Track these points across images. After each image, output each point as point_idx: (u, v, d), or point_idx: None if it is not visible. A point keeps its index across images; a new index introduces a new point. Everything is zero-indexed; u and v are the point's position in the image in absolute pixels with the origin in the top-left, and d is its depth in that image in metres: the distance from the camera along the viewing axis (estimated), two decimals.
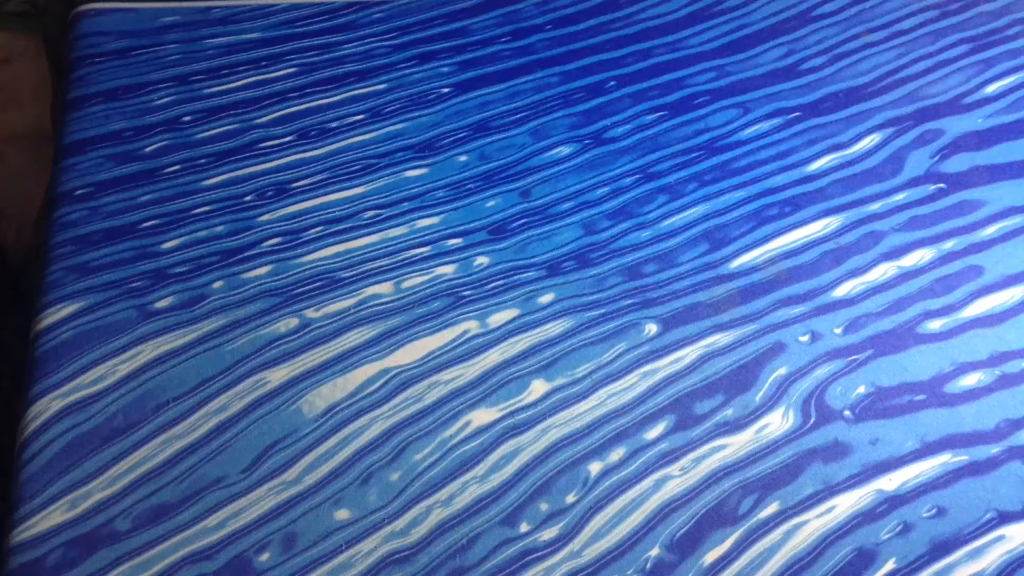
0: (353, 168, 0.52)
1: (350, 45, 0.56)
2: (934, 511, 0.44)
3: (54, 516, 0.42)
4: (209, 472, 0.43)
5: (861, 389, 0.47)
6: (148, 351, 0.46)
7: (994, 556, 0.43)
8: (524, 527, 0.43)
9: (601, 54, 0.57)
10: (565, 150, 0.53)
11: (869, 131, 0.55)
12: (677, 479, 0.44)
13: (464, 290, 0.49)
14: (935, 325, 0.49)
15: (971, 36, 0.59)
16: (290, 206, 0.51)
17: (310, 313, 0.48)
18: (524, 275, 0.49)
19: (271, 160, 0.52)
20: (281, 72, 0.55)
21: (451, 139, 0.53)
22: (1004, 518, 0.44)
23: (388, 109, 0.54)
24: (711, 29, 0.58)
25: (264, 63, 0.55)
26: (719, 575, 0.42)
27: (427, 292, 0.49)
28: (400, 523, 0.43)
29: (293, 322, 0.47)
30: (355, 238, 0.50)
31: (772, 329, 0.48)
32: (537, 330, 0.48)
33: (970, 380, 0.47)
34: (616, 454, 0.45)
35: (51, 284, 0.48)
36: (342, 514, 0.43)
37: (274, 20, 0.57)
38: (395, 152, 0.53)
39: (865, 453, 0.45)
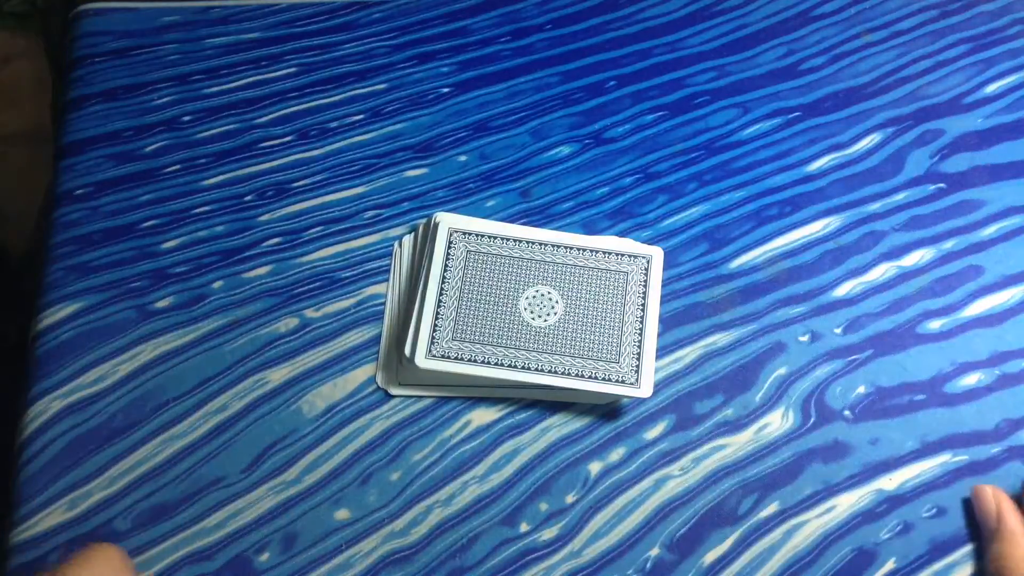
0: (353, 168, 0.52)
1: (350, 45, 0.56)
2: (934, 511, 0.44)
3: (54, 516, 0.42)
4: (209, 472, 0.43)
5: (861, 389, 0.47)
6: (148, 351, 0.46)
7: None
8: (524, 527, 0.43)
9: (601, 54, 0.57)
10: (565, 150, 0.53)
11: (869, 131, 0.55)
12: (677, 479, 0.44)
13: None
14: (935, 325, 0.49)
15: (971, 36, 0.59)
16: (290, 206, 0.51)
17: (310, 313, 0.48)
18: None
19: (271, 160, 0.52)
20: (281, 72, 0.55)
21: (451, 139, 0.53)
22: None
23: (388, 109, 0.54)
24: (711, 29, 0.58)
25: (264, 63, 0.55)
26: (719, 575, 0.42)
27: None
28: (400, 523, 0.43)
29: (293, 322, 0.47)
30: (355, 238, 0.50)
31: (772, 329, 0.48)
32: None
33: (970, 380, 0.47)
34: (616, 454, 0.45)
35: (51, 284, 0.48)
36: (342, 514, 0.43)
37: (274, 20, 0.57)
38: (395, 152, 0.53)
39: (865, 453, 0.45)
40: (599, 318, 0.45)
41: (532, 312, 0.45)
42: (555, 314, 0.45)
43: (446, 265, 0.46)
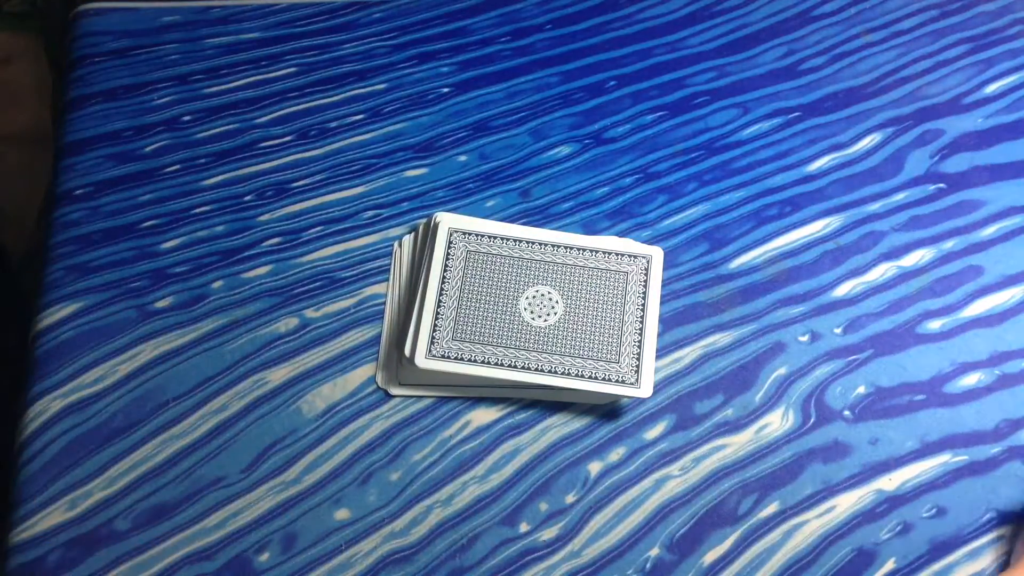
0: (353, 168, 0.52)
1: (350, 45, 0.56)
2: (934, 511, 0.44)
3: (54, 516, 0.42)
4: (209, 472, 0.43)
5: (861, 389, 0.47)
6: (148, 351, 0.46)
7: (993, 556, 0.43)
8: (524, 527, 0.43)
9: (601, 54, 0.57)
10: (565, 150, 0.53)
11: (869, 131, 0.55)
12: (677, 479, 0.44)
13: None
14: (935, 325, 0.49)
15: (971, 36, 0.59)
16: (290, 206, 0.51)
17: (310, 313, 0.48)
18: None
19: (271, 160, 0.52)
20: (281, 72, 0.55)
21: (451, 139, 0.53)
22: (1004, 518, 0.44)
23: (388, 109, 0.54)
24: (711, 29, 0.58)
25: (264, 63, 0.55)
26: (719, 575, 0.42)
27: None
28: (400, 523, 0.43)
29: (293, 322, 0.47)
30: (355, 238, 0.50)
31: (772, 329, 0.48)
32: None
33: (970, 380, 0.47)
34: (616, 454, 0.45)
35: (51, 284, 0.48)
36: (342, 514, 0.43)
37: (274, 20, 0.57)
38: (395, 152, 0.53)
39: (865, 453, 0.45)
40: (599, 318, 0.45)
41: (532, 312, 0.45)
42: (555, 314, 0.45)
43: (446, 265, 0.46)
